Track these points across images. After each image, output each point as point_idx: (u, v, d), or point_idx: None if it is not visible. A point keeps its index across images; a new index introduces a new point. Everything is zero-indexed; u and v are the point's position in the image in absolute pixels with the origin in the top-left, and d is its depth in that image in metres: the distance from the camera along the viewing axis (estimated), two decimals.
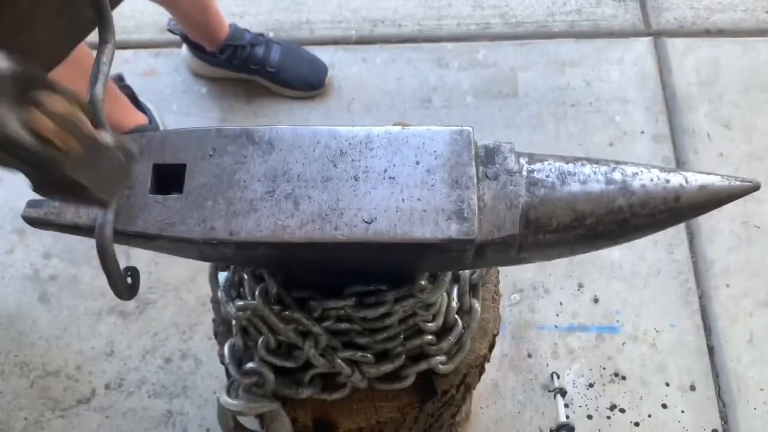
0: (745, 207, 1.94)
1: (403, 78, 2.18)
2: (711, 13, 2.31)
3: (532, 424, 1.67)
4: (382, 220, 0.82)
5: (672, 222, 0.90)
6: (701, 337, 1.78)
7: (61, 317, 1.81)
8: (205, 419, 1.68)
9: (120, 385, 1.73)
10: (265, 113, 2.11)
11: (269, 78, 2.12)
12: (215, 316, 1.20)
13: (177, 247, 0.84)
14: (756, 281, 1.85)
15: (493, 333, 1.17)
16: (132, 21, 2.29)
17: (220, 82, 2.16)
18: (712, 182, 0.89)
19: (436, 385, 1.11)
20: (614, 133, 2.08)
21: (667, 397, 1.70)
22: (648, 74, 2.18)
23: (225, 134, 0.86)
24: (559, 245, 0.88)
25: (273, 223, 0.81)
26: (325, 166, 0.85)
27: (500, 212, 0.84)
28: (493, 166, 0.87)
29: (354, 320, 0.99)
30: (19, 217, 0.85)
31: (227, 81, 2.16)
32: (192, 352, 1.76)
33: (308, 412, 1.09)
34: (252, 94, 2.15)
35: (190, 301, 1.82)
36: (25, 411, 1.70)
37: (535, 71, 2.18)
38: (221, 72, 2.14)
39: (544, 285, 1.85)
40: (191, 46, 2.11)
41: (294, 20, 2.30)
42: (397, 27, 2.29)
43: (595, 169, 0.88)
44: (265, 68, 2.10)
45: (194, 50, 2.12)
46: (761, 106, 2.12)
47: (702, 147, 2.04)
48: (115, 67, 2.31)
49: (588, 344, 1.77)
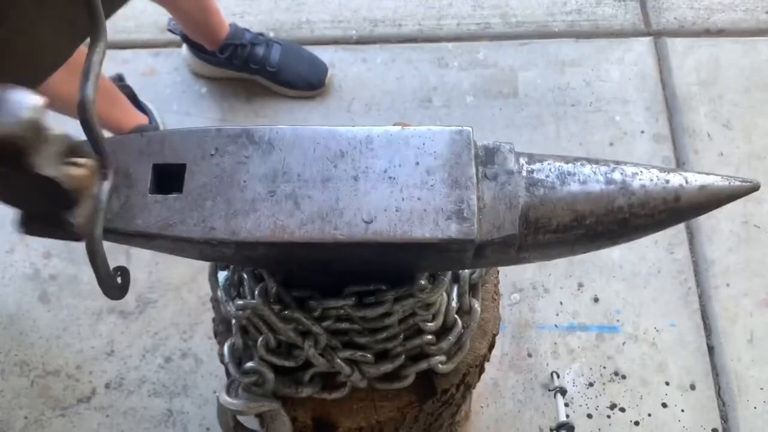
0: (745, 207, 1.94)
1: (403, 78, 2.18)
2: (711, 13, 2.31)
3: (532, 424, 1.68)
4: (381, 220, 0.82)
5: (672, 222, 0.90)
6: (701, 336, 1.78)
7: (61, 317, 1.81)
8: (205, 418, 1.68)
9: (120, 385, 1.73)
10: (265, 113, 2.12)
11: (270, 77, 2.12)
12: (215, 315, 1.20)
13: (177, 246, 0.84)
14: (756, 281, 1.85)
15: (492, 333, 1.17)
16: (132, 21, 2.29)
17: (220, 82, 2.16)
18: (712, 182, 0.89)
19: (435, 385, 1.11)
20: (614, 133, 2.08)
21: (667, 397, 1.70)
22: (648, 74, 2.18)
23: (225, 134, 0.86)
24: (559, 245, 0.88)
25: (273, 223, 0.81)
26: (325, 166, 0.85)
27: (500, 212, 0.84)
28: (492, 166, 0.87)
29: (354, 320, 0.99)
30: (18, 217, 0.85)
31: (227, 81, 2.16)
32: (192, 352, 1.76)
33: (308, 412, 1.09)
34: (252, 93, 2.15)
35: (190, 300, 1.83)
36: (25, 410, 1.70)
37: (535, 71, 2.18)
38: (222, 72, 2.14)
39: (544, 285, 1.85)
40: (191, 46, 2.11)
41: (294, 20, 2.30)
42: (397, 27, 2.29)
43: (594, 169, 0.88)
44: (266, 68, 2.10)
45: (194, 50, 2.12)
46: (761, 106, 2.12)
47: (702, 147, 2.04)
48: (115, 66, 2.32)
49: (588, 344, 1.77)
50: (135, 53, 2.23)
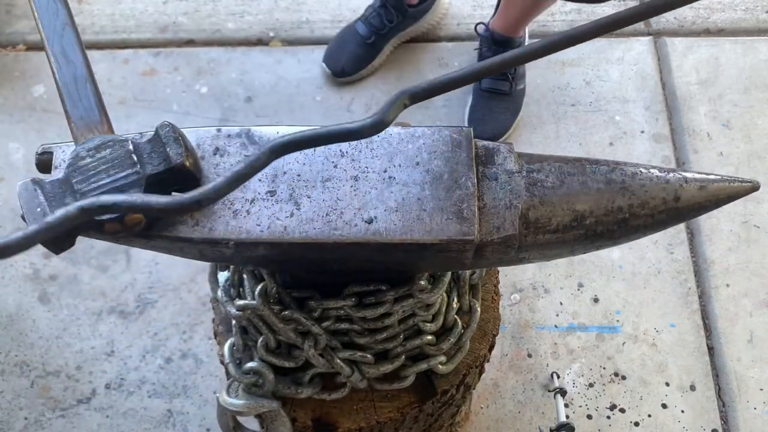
0: (745, 207, 1.94)
1: (403, 78, 2.18)
2: (711, 12, 2.31)
3: (532, 424, 1.68)
4: (381, 220, 0.82)
5: (672, 222, 0.90)
6: (701, 337, 1.78)
7: (61, 317, 1.81)
8: (206, 419, 1.68)
9: (120, 385, 1.73)
10: (265, 113, 2.12)
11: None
12: (215, 316, 1.20)
13: (177, 247, 0.84)
14: (756, 281, 1.85)
15: (492, 333, 1.17)
16: (132, 20, 2.29)
17: (221, 82, 2.16)
18: (712, 182, 0.89)
19: (435, 385, 1.11)
20: (614, 132, 2.08)
21: (667, 397, 1.70)
22: (648, 74, 2.18)
23: (225, 134, 0.86)
24: (559, 245, 0.88)
25: (273, 223, 0.81)
26: (325, 166, 0.85)
27: (500, 212, 0.84)
28: (492, 167, 0.87)
29: (354, 320, 0.99)
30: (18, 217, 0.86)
31: (228, 81, 2.16)
32: (192, 352, 1.76)
33: (308, 412, 1.09)
34: (252, 93, 2.15)
35: (190, 301, 1.83)
36: (25, 411, 1.70)
37: (535, 71, 2.18)
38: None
39: (544, 285, 1.85)
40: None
41: (294, 20, 2.30)
42: None
43: (594, 169, 0.88)
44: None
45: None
46: (761, 106, 2.12)
47: (702, 147, 2.04)
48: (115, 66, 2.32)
49: (588, 344, 1.77)
50: (135, 53, 2.23)
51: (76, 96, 0.82)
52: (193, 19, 2.29)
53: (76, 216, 0.61)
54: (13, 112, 2.11)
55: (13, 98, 2.14)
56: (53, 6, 0.86)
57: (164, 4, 2.32)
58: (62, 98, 0.83)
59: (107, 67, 2.19)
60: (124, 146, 0.78)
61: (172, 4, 2.32)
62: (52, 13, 0.85)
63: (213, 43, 2.26)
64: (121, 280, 1.86)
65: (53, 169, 0.84)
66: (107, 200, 0.62)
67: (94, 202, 0.62)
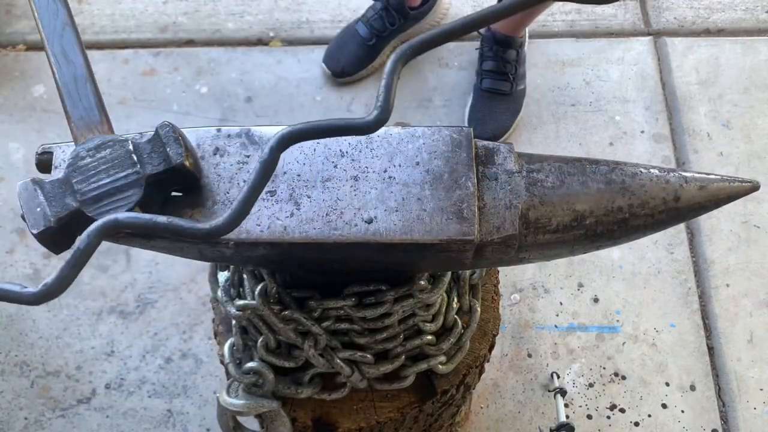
0: (745, 207, 1.94)
1: (402, 77, 2.17)
2: (711, 12, 2.31)
3: (531, 424, 1.68)
4: (381, 220, 0.82)
5: (672, 222, 0.90)
6: (701, 337, 1.78)
7: (61, 317, 1.81)
8: (206, 419, 1.68)
9: (120, 385, 1.73)
10: (265, 113, 2.12)
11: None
12: (215, 316, 1.20)
13: (177, 247, 0.84)
14: (756, 281, 1.85)
15: (492, 333, 1.17)
16: (132, 20, 2.29)
17: (221, 82, 2.16)
18: (712, 182, 0.89)
19: (435, 385, 1.11)
20: (614, 132, 2.08)
21: (667, 397, 1.70)
22: (648, 74, 2.18)
23: (225, 134, 0.86)
24: (559, 245, 0.88)
25: (273, 223, 0.81)
26: (325, 166, 0.85)
27: (500, 212, 0.84)
28: (492, 167, 0.87)
29: (354, 320, 0.99)
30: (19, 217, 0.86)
31: (228, 81, 2.16)
32: (192, 352, 1.76)
33: (308, 412, 1.09)
34: (252, 93, 2.15)
35: (190, 301, 1.83)
36: (25, 411, 1.70)
37: (535, 71, 2.18)
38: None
39: (544, 285, 1.85)
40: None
41: (294, 20, 2.30)
42: None
43: (594, 169, 0.88)
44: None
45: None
46: (761, 106, 2.12)
47: (702, 147, 2.04)
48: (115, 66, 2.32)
49: (588, 344, 1.77)
50: (135, 53, 2.23)
51: (76, 96, 0.82)
52: (193, 19, 2.29)
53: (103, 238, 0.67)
54: (13, 112, 2.11)
55: (13, 98, 2.14)
56: (53, 6, 0.86)
57: (164, 4, 2.32)
58: (62, 98, 0.83)
59: (107, 67, 2.19)
60: (124, 146, 0.78)
61: (172, 4, 2.32)
62: (52, 13, 0.85)
63: (213, 43, 2.26)
64: (121, 280, 1.86)
65: (53, 169, 0.84)
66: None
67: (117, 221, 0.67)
